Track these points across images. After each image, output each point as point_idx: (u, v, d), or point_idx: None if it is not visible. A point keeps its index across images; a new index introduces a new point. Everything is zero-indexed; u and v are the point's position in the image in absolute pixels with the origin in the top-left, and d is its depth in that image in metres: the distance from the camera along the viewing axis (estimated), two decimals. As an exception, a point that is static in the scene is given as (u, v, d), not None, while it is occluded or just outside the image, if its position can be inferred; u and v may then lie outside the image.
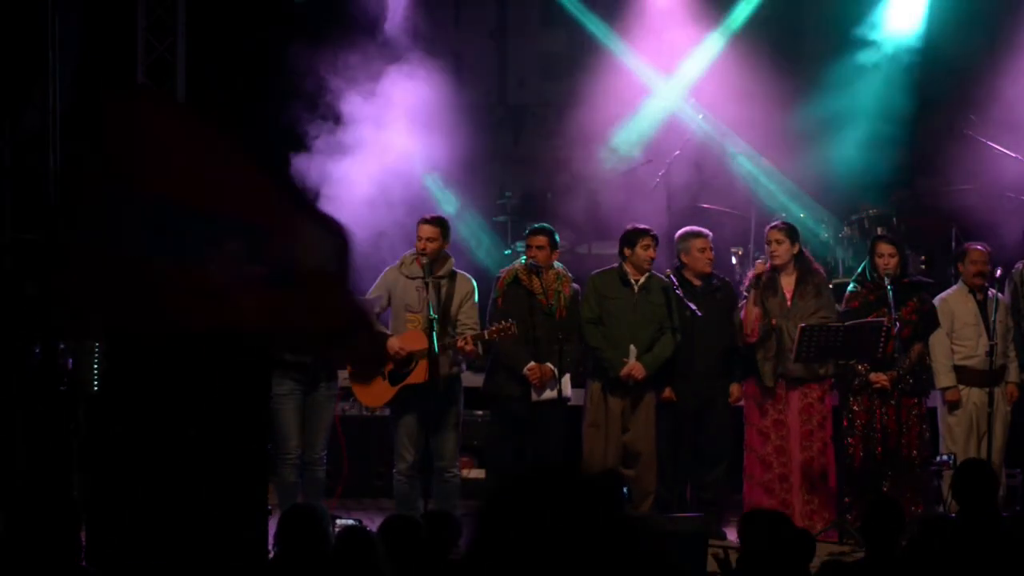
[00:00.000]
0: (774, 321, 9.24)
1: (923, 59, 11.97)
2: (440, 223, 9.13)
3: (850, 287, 9.50)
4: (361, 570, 5.47)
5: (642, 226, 9.39)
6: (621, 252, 9.31)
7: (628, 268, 9.28)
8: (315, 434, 9.01)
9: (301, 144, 10.56)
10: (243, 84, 11.70)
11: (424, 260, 8.97)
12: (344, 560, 5.58)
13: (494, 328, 8.90)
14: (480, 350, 9.09)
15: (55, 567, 6.42)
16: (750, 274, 9.39)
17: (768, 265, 9.37)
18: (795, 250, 9.35)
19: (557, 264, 9.30)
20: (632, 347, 9.12)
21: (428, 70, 10.77)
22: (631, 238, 9.27)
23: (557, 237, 9.36)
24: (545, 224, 9.51)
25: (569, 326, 9.15)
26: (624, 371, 9.12)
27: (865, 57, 11.87)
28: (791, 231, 9.40)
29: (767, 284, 9.33)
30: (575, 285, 9.32)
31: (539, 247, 9.19)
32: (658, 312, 9.25)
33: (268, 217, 4.03)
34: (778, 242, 9.32)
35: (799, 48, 12.42)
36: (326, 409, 9.07)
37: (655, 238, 9.29)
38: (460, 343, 8.90)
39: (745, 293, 9.34)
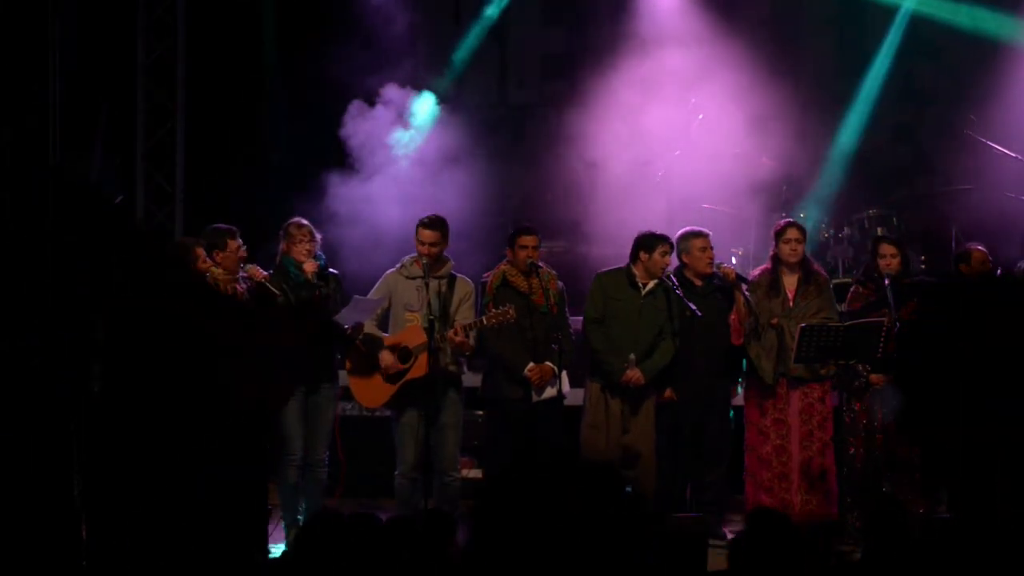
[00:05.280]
0: (775, 320, 9.24)
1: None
2: (439, 225, 9.13)
3: (852, 287, 9.51)
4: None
5: (659, 232, 9.31)
6: (635, 255, 9.25)
7: (638, 271, 9.24)
8: (317, 435, 9.02)
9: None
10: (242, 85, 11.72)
11: (425, 261, 9.00)
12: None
13: (492, 314, 8.89)
14: (472, 341, 9.05)
15: (55, 567, 6.43)
16: (753, 273, 9.45)
17: (766, 267, 9.44)
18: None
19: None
20: (632, 355, 9.11)
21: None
22: (649, 243, 9.19)
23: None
24: (529, 224, 9.55)
25: (562, 323, 9.16)
26: (624, 378, 9.12)
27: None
28: (804, 231, 9.46)
29: (770, 284, 9.34)
30: (560, 282, 9.34)
31: (533, 247, 9.21)
32: (660, 316, 9.24)
33: None
34: (797, 241, 9.34)
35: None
36: (327, 410, 9.08)
37: (672, 245, 9.26)
38: (450, 335, 8.89)
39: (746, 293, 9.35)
